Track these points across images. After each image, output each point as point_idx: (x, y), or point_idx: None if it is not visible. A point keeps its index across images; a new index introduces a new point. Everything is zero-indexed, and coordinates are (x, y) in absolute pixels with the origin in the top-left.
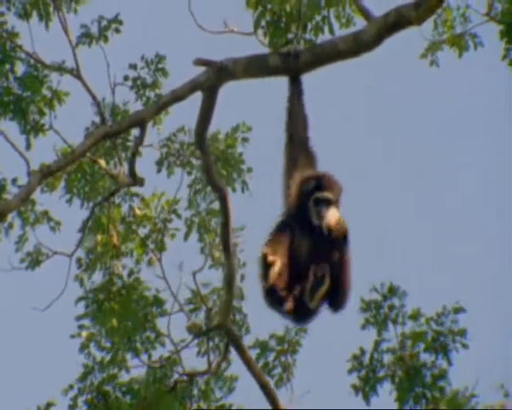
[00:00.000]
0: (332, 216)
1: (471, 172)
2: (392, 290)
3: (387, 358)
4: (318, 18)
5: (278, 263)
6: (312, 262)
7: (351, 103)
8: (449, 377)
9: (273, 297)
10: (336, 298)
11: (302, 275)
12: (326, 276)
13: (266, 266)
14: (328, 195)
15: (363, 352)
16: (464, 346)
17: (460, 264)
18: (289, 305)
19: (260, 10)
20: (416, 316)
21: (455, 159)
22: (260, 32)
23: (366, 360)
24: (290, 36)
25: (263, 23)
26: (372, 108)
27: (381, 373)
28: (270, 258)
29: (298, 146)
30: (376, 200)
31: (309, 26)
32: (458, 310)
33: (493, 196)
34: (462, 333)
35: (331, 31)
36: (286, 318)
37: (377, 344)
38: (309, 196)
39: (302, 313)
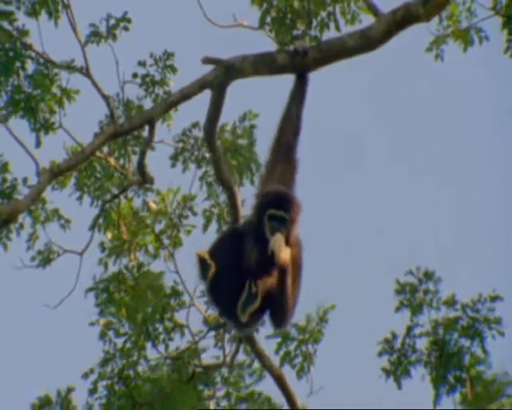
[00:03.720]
0: (281, 245)
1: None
2: (428, 275)
3: (420, 343)
4: (324, 14)
5: (213, 267)
6: (258, 274)
7: (355, 97)
8: (489, 360)
9: (216, 292)
10: (276, 315)
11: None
12: (258, 293)
13: (203, 266)
14: (282, 213)
15: (394, 336)
16: (500, 333)
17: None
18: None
19: (265, 7)
20: (450, 302)
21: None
22: (266, 28)
23: (398, 344)
24: (296, 33)
25: (268, 20)
26: (377, 102)
27: (413, 357)
28: (207, 259)
29: (283, 150)
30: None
31: (314, 22)
32: (495, 298)
33: (494, 189)
34: (497, 321)
35: (337, 27)
36: (227, 319)
37: (410, 329)
38: (265, 211)
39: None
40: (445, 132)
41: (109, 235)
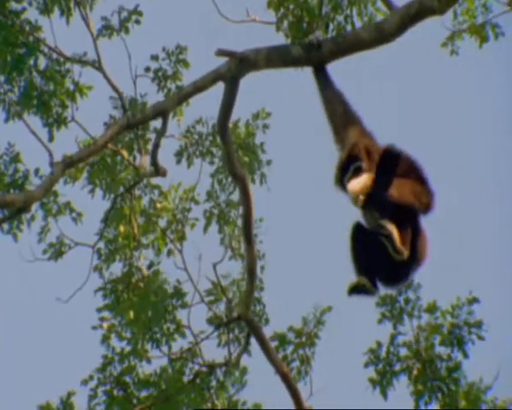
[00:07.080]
0: (355, 185)
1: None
2: (407, 284)
3: (403, 351)
4: (340, 18)
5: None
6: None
7: (371, 91)
8: (463, 370)
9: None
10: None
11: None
12: (388, 227)
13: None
14: (355, 165)
15: (379, 345)
16: (480, 338)
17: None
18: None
19: (282, 12)
20: (431, 309)
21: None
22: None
23: (383, 353)
24: (312, 37)
25: (285, 25)
26: (393, 96)
27: (398, 367)
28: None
29: (342, 125)
30: None
31: (331, 26)
32: (472, 301)
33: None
34: (478, 324)
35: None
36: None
37: (393, 338)
38: (344, 179)
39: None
40: (457, 131)
41: (121, 228)
